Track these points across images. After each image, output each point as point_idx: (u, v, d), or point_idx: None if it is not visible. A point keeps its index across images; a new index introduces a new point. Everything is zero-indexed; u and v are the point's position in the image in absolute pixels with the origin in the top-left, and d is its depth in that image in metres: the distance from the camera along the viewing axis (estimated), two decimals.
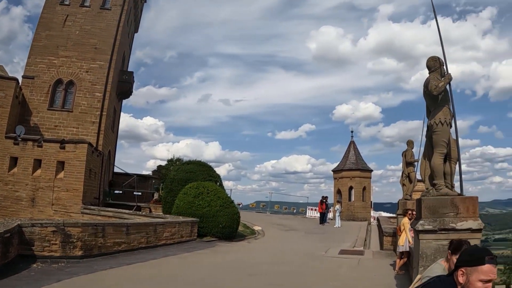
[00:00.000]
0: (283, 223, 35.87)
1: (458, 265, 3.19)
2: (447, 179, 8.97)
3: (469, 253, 3.22)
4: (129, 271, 13.22)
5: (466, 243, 4.83)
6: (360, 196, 44.88)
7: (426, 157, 9.38)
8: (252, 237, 26.39)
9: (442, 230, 8.19)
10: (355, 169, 45.35)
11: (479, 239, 8.46)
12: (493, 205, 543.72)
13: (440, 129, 8.76)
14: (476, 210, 8.36)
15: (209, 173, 28.77)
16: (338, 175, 46.40)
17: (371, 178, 47.00)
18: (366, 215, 44.28)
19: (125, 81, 42.91)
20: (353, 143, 47.64)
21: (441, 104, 8.91)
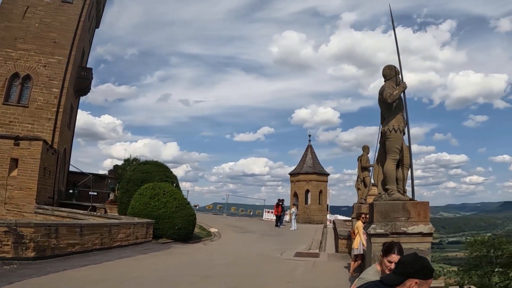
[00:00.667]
0: (239, 225, 35.91)
1: (411, 277, 3.16)
2: (400, 184, 9.26)
3: (424, 266, 3.23)
4: (83, 273, 12.96)
5: (397, 244, 4.99)
6: (316, 199, 45.30)
7: (379, 163, 9.65)
8: (208, 239, 26.36)
9: (394, 234, 8.46)
10: (312, 173, 45.66)
11: (430, 242, 8.80)
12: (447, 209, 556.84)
13: (393, 136, 9.05)
14: (427, 214, 8.68)
15: (165, 174, 28.58)
16: (295, 178, 46.62)
17: (327, 182, 47.52)
18: (322, 218, 44.70)
19: (83, 78, 41.91)
20: (311, 147, 47.95)
21: (395, 112, 9.20)
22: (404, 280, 3.14)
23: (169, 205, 23.04)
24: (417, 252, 8.51)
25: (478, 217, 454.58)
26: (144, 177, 27.12)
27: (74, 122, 46.36)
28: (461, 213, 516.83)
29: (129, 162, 44.78)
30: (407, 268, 3.18)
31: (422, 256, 3.29)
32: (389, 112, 9.25)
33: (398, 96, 9.09)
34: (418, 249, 8.55)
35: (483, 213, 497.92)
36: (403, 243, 8.34)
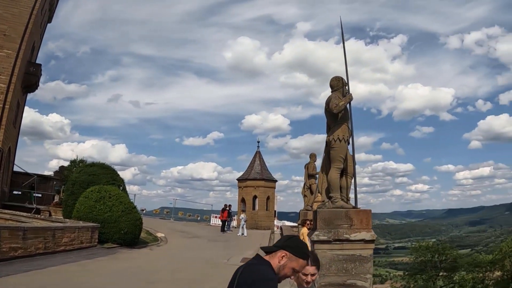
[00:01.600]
0: (186, 230, 35.73)
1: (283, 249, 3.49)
2: (343, 192, 9.51)
3: (298, 245, 3.57)
4: (26, 279, 12.64)
5: (311, 254, 5.08)
6: (264, 205, 45.51)
7: (324, 171, 9.87)
8: (154, 244, 26.14)
9: (337, 241, 8.69)
10: (260, 179, 45.80)
11: (372, 249, 9.04)
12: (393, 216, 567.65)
13: (338, 145, 9.29)
14: (369, 222, 8.95)
15: (112, 177, 28.12)
16: (242, 184, 46.63)
17: (275, 188, 47.89)
18: (269, 224, 44.94)
19: (32, 74, 40.47)
20: (259, 153, 48.11)
21: (340, 122, 9.44)
22: (276, 251, 3.47)
23: (115, 209, 22.70)
24: (359, 258, 8.79)
25: (423, 223, 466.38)
26: (90, 180, 26.59)
27: (20, 120, 45.04)
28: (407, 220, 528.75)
29: (75, 164, 43.90)
30: (283, 242, 3.57)
31: (304, 242, 3.65)
32: (335, 122, 9.49)
33: (344, 107, 9.34)
34: (361, 255, 8.80)
35: (428, 219, 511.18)
36: (346, 249, 8.66)
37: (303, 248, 3.60)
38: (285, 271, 3.48)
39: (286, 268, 3.47)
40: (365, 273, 8.81)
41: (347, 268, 8.77)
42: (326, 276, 8.65)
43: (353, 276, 8.76)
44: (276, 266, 3.42)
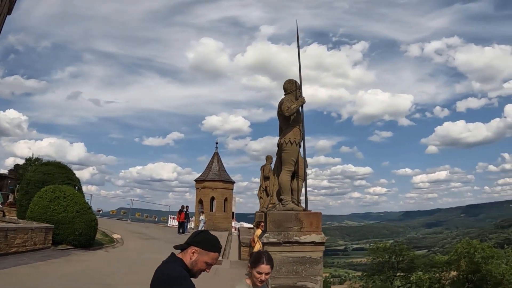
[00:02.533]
0: (143, 231, 35.38)
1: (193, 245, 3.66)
2: (294, 195, 9.57)
3: (206, 239, 3.73)
4: None
5: (265, 254, 5.11)
6: (222, 206, 45.50)
7: (275, 173, 9.93)
8: (110, 246, 25.78)
9: (287, 243, 8.75)
10: (218, 180, 45.76)
11: (322, 251, 9.14)
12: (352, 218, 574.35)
13: (289, 148, 9.35)
14: (319, 224, 9.04)
15: (68, 176, 27.59)
16: (200, 185, 46.52)
17: (233, 190, 47.98)
18: (227, 226, 44.92)
19: None
20: (217, 154, 48.05)
21: (292, 125, 9.51)
22: (187, 247, 3.67)
23: (69, 210, 22.26)
24: (310, 260, 8.87)
25: (381, 225, 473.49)
26: (45, 179, 26.02)
27: None
28: (365, 222, 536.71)
29: (31, 162, 43.02)
30: (192, 238, 3.73)
31: (213, 235, 3.80)
32: (287, 125, 9.55)
33: (296, 110, 9.41)
34: (311, 258, 8.88)
35: (386, 221, 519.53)
36: (296, 251, 8.72)
37: (211, 241, 3.74)
38: (198, 266, 3.64)
39: (199, 263, 3.64)
40: (315, 275, 8.89)
41: (297, 270, 8.83)
42: (277, 278, 8.68)
43: (303, 278, 8.83)
44: (189, 262, 3.59)
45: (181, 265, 3.60)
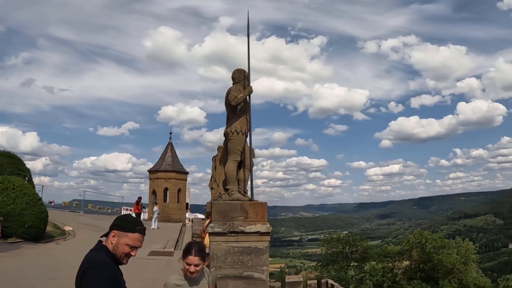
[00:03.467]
0: (96, 223, 34.73)
1: (111, 228, 3.70)
2: (241, 185, 9.51)
3: (123, 220, 3.77)
4: None
5: (196, 245, 5.07)
6: (175, 197, 45.18)
7: (222, 163, 9.84)
8: (61, 238, 25.30)
9: (232, 233, 8.68)
10: (171, 171, 45.38)
11: (268, 241, 9.10)
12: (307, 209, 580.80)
13: (235, 138, 9.28)
14: (264, 214, 9.00)
15: (17, 167, 27.01)
16: (153, 176, 46.07)
17: (186, 180, 47.61)
18: (181, 217, 44.69)
19: None
20: (171, 145, 47.55)
21: (239, 114, 9.42)
22: (109, 232, 3.70)
23: (18, 201, 21.67)
24: (255, 250, 8.83)
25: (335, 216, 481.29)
26: None
27: None
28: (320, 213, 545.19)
29: None
30: (112, 222, 3.77)
31: (131, 216, 3.81)
32: (234, 114, 9.46)
33: (243, 99, 9.33)
34: (257, 248, 8.84)
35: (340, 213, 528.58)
36: (241, 241, 8.67)
37: (128, 221, 3.75)
38: (120, 250, 3.62)
39: (120, 246, 3.62)
40: (261, 265, 8.85)
41: (243, 260, 8.78)
42: (222, 268, 8.63)
43: (249, 268, 8.78)
44: (111, 247, 3.61)
45: (105, 252, 3.59)
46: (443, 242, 50.58)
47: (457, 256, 48.14)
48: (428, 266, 48.95)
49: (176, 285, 4.93)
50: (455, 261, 46.77)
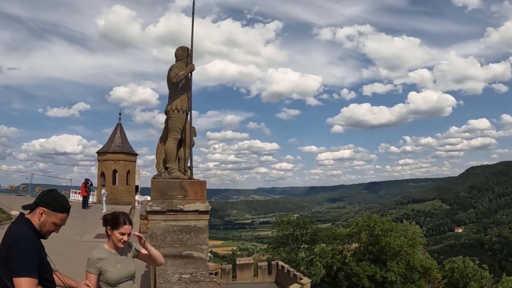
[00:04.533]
0: None
1: (39, 205, 3.68)
2: (181, 163, 9.42)
3: (53, 199, 3.78)
4: None
5: (123, 214, 5.02)
6: (124, 180, 44.42)
7: (162, 141, 9.69)
8: (7, 223, 24.61)
9: (171, 212, 8.60)
10: (120, 152, 44.36)
11: (207, 220, 9.05)
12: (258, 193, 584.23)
13: (175, 116, 9.15)
14: (203, 193, 8.95)
15: None
16: (102, 157, 44.97)
17: (136, 162, 46.89)
18: (130, 199, 44.04)
19: None
20: (120, 126, 46.40)
21: (180, 92, 9.30)
22: (35, 208, 3.67)
23: None
24: (194, 229, 8.77)
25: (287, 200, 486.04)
26: None
27: None
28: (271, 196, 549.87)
29: None
30: (40, 197, 3.74)
31: (62, 195, 3.74)
32: (175, 92, 9.32)
33: (184, 77, 9.21)
34: (196, 226, 8.78)
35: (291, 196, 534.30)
36: (180, 220, 8.59)
37: (60, 201, 3.76)
38: (47, 227, 3.67)
39: (47, 224, 3.66)
40: (201, 244, 8.80)
41: (182, 239, 8.71)
42: (161, 247, 8.52)
43: (188, 247, 8.73)
44: (37, 224, 3.56)
45: (28, 225, 3.51)
46: (391, 225, 51.78)
47: (404, 239, 49.40)
48: (377, 248, 49.99)
49: (99, 258, 4.85)
50: (403, 243, 48.00)
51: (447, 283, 48.82)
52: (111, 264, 4.91)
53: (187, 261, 8.14)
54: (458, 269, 47.51)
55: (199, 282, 6.32)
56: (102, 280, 4.91)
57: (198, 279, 6.53)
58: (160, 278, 6.59)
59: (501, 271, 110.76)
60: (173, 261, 8.03)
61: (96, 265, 4.83)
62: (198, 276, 6.69)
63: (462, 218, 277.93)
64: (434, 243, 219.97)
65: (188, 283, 6.25)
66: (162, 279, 6.50)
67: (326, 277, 53.71)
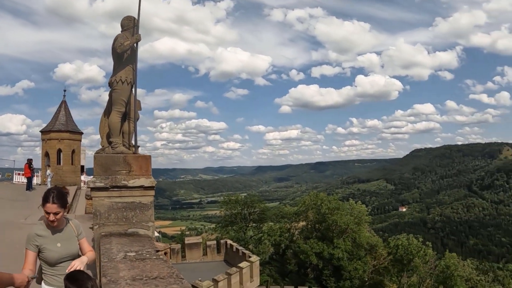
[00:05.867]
0: None
1: None
2: (125, 138, 9.06)
3: None
4: None
5: (55, 191, 4.76)
6: (69, 159, 43.30)
7: (106, 115, 9.28)
8: None
9: (115, 188, 8.24)
10: (65, 131, 43.01)
11: (152, 196, 8.74)
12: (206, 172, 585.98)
13: (120, 88, 8.75)
14: (148, 168, 8.61)
15: None
16: (46, 136, 43.58)
17: (81, 141, 45.70)
18: (76, 180, 43.08)
19: None
20: (65, 103, 44.83)
21: (125, 63, 8.88)
22: None
23: None
24: (140, 206, 8.46)
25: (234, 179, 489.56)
26: None
27: None
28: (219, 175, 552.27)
29: None
30: None
31: None
32: (120, 63, 8.90)
33: (129, 47, 8.79)
34: (141, 203, 8.48)
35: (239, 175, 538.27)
36: (125, 196, 8.25)
37: None
38: None
39: None
40: (146, 221, 8.50)
41: (127, 217, 8.38)
42: (106, 225, 8.22)
43: (134, 224, 8.41)
44: None
45: None
46: (338, 203, 52.90)
47: (350, 217, 50.51)
48: (324, 226, 50.99)
49: (37, 235, 4.63)
50: (349, 221, 49.14)
51: (392, 260, 50.26)
52: (51, 243, 4.71)
53: (133, 239, 7.85)
54: (402, 246, 49.04)
55: (145, 259, 6.07)
56: (41, 258, 4.71)
57: (144, 256, 6.28)
58: (104, 257, 6.32)
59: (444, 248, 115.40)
60: (119, 240, 7.73)
61: (34, 242, 4.62)
62: (144, 254, 6.45)
63: (406, 198, 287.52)
64: (379, 221, 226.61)
65: (134, 261, 5.99)
66: (107, 258, 6.22)
67: (274, 255, 54.39)
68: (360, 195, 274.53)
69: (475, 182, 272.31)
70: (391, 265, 50.67)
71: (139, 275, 5.10)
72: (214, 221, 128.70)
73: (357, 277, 47.40)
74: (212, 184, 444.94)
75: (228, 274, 27.39)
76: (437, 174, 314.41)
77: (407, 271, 49.99)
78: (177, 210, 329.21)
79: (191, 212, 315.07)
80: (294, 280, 48.40)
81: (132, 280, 4.90)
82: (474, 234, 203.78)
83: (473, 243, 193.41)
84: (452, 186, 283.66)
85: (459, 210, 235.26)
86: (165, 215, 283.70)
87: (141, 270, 5.37)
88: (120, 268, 5.46)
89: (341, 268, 47.19)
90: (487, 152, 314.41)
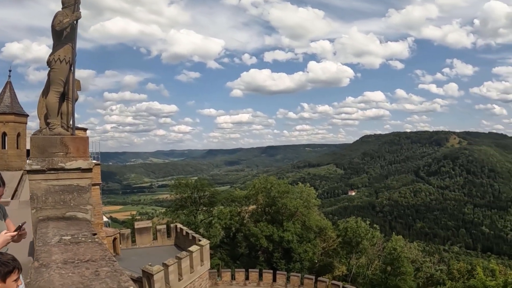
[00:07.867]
0: None
1: None
2: (64, 119, 8.79)
3: None
4: None
5: None
6: (14, 143, 41.97)
7: (44, 95, 8.97)
8: None
9: (51, 170, 8.02)
10: (10, 113, 41.42)
11: (91, 178, 8.55)
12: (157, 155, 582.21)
13: (58, 67, 8.47)
14: (86, 150, 8.41)
15: None
16: None
17: (27, 124, 44.37)
18: (21, 164, 41.72)
19: None
20: (10, 84, 42.93)
21: (64, 42, 8.61)
22: None
23: None
24: (77, 188, 8.24)
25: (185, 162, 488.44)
26: None
27: None
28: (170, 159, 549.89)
29: None
30: None
31: None
32: (58, 41, 8.60)
33: (68, 25, 8.50)
34: (79, 185, 8.28)
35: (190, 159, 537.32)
36: (62, 179, 8.03)
37: None
38: None
39: None
40: (84, 204, 8.31)
41: (65, 200, 8.17)
42: (43, 209, 8.00)
43: (72, 208, 8.21)
44: None
45: None
46: (287, 187, 53.44)
47: (300, 200, 51.05)
48: (273, 210, 51.43)
49: None
50: (298, 205, 49.72)
51: (341, 242, 51.27)
52: None
53: (71, 223, 7.68)
54: (351, 229, 49.97)
55: (80, 243, 5.93)
56: None
57: (79, 240, 6.14)
58: (39, 241, 6.19)
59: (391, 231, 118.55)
60: (56, 223, 7.54)
61: None
62: (80, 237, 6.30)
63: (355, 182, 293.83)
64: (329, 205, 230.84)
65: (68, 244, 5.85)
66: (42, 242, 6.08)
67: (225, 238, 54.58)
68: (310, 179, 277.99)
69: (422, 168, 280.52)
70: (340, 247, 51.75)
71: (71, 259, 5.00)
72: (165, 206, 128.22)
73: (307, 259, 48.18)
74: (163, 168, 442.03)
75: (178, 258, 27.25)
76: (386, 159, 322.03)
77: (355, 253, 51.18)
78: (128, 194, 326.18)
79: (142, 196, 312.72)
80: (245, 263, 48.82)
81: (63, 263, 4.79)
82: (421, 217, 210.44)
83: (420, 226, 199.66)
84: (400, 172, 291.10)
85: (406, 194, 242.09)
86: (116, 200, 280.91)
87: (74, 254, 5.26)
88: (53, 252, 5.34)
89: (291, 250, 47.82)
90: (435, 140, 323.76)
